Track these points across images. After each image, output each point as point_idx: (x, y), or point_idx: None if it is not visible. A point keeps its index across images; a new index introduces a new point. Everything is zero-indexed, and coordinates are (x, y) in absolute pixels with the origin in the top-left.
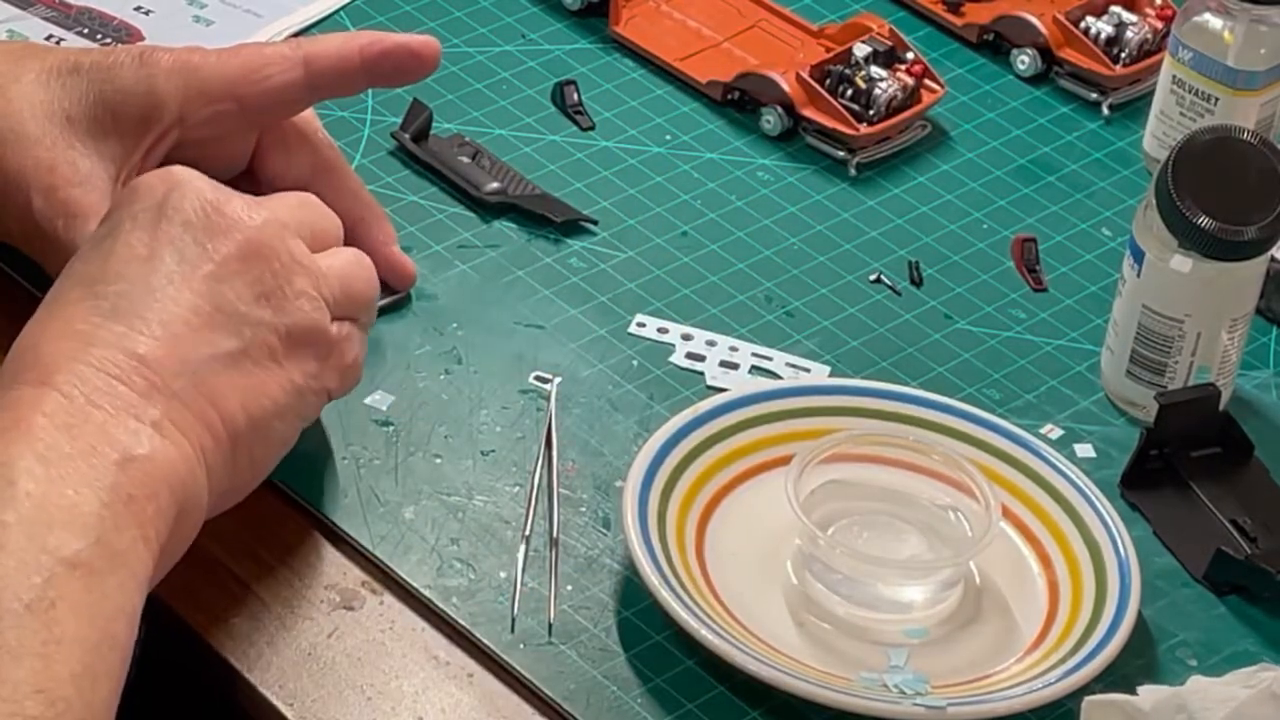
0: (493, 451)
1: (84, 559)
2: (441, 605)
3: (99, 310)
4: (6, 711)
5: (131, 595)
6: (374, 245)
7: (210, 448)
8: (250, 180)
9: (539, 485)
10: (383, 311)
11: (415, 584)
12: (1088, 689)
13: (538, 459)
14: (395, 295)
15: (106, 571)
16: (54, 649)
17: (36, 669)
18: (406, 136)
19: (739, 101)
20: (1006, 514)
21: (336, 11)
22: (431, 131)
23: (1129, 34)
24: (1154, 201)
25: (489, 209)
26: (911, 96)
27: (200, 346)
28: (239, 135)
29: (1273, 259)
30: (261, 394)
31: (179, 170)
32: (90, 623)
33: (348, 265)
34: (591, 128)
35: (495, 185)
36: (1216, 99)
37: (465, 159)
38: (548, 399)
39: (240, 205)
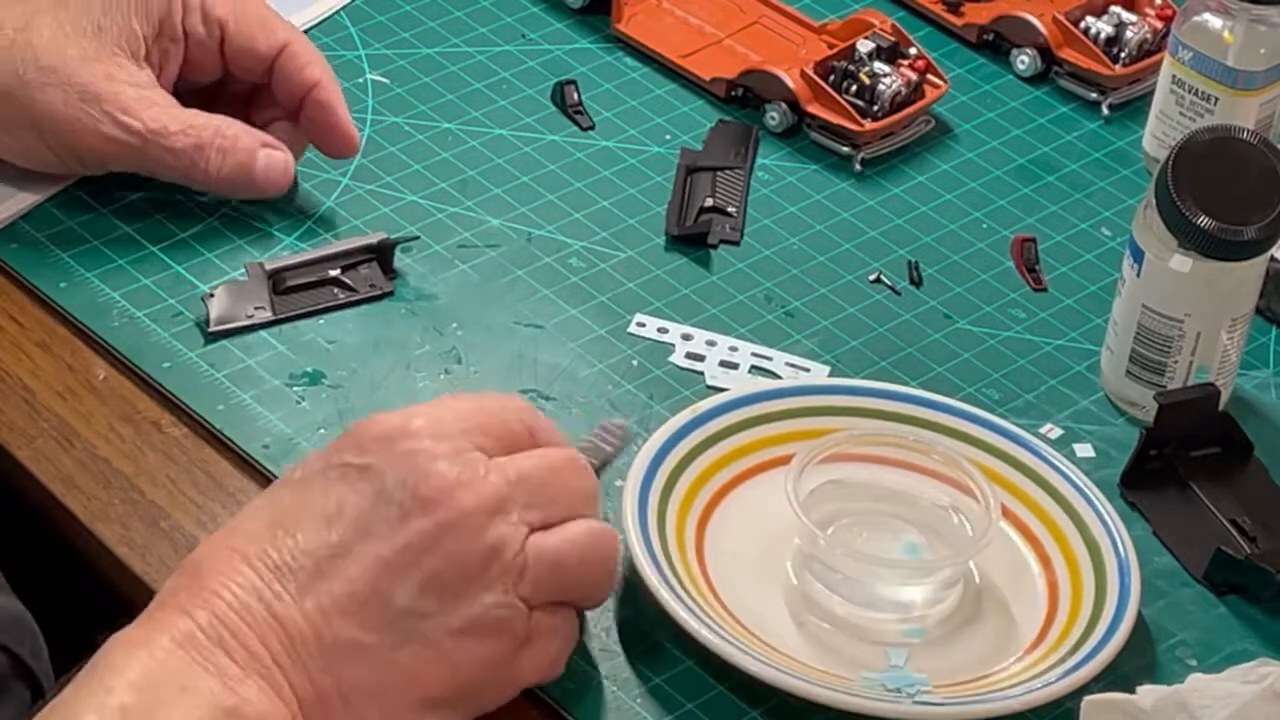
0: None
1: None
2: None
3: (267, 560)
4: None
5: None
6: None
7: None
8: None
9: None
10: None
11: None
12: (1087, 689)
13: None
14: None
15: None
16: None
17: None
18: None
19: (743, 99)
20: (1006, 514)
21: (337, 12)
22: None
23: (1129, 34)
24: (1154, 201)
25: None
26: (915, 91)
27: (344, 630)
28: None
29: (1273, 259)
30: (403, 686)
31: (416, 424)
32: None
33: (568, 548)
34: (591, 128)
35: None
36: (1216, 99)
37: None
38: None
39: (447, 485)
